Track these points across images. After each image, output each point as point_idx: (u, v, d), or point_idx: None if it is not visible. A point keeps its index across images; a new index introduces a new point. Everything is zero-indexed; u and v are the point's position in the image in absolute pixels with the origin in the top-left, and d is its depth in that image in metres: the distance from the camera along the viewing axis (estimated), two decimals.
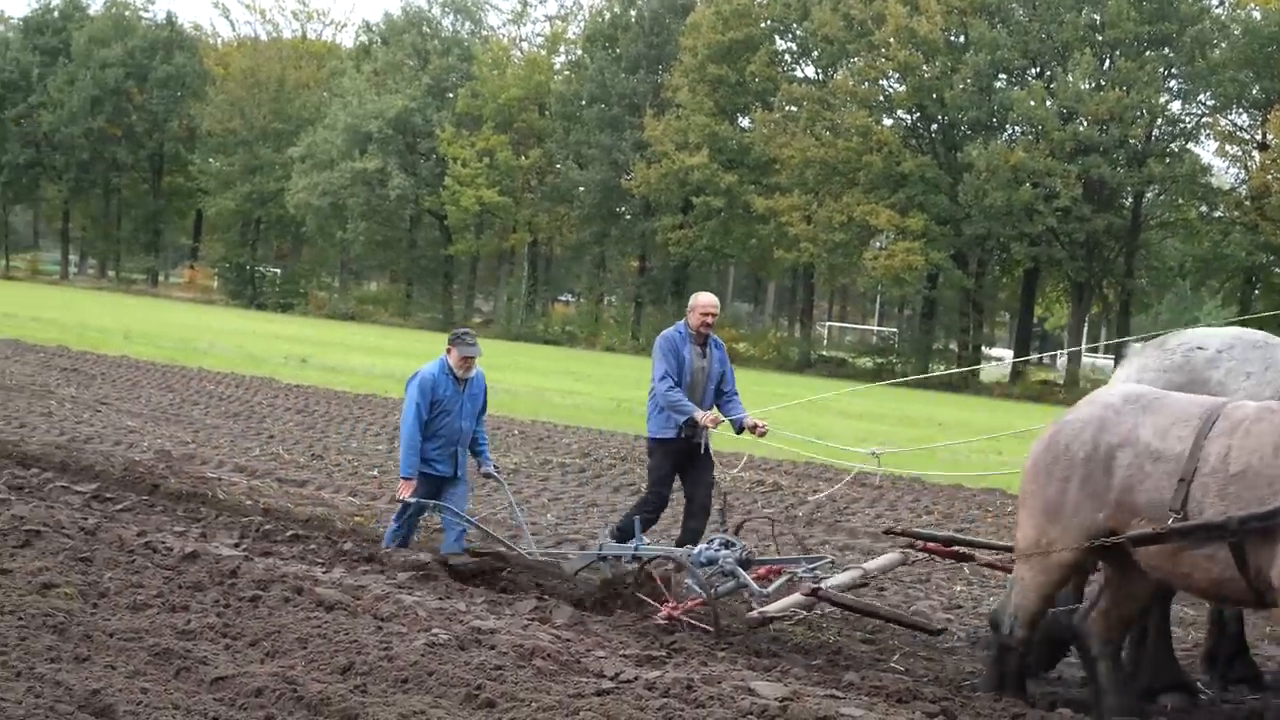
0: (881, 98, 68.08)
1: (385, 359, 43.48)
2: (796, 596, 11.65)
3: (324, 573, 12.16)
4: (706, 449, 14.35)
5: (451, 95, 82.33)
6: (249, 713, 8.21)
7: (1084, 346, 69.32)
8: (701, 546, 12.52)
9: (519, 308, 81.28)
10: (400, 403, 15.09)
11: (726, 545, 12.44)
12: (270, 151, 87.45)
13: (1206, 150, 68.79)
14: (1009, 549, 11.57)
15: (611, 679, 9.44)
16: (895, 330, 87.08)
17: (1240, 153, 65.77)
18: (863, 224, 64.59)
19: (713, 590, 11.82)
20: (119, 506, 14.68)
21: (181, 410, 25.08)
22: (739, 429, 14.61)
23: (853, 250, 66.59)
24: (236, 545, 13.13)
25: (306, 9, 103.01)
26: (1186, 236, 66.32)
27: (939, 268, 64.77)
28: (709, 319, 14.51)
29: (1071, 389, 59.62)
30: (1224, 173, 67.54)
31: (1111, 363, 71.65)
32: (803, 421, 33.63)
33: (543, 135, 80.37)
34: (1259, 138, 64.51)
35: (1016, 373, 65.77)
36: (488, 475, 14.47)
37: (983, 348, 72.37)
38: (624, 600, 12.29)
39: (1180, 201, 66.28)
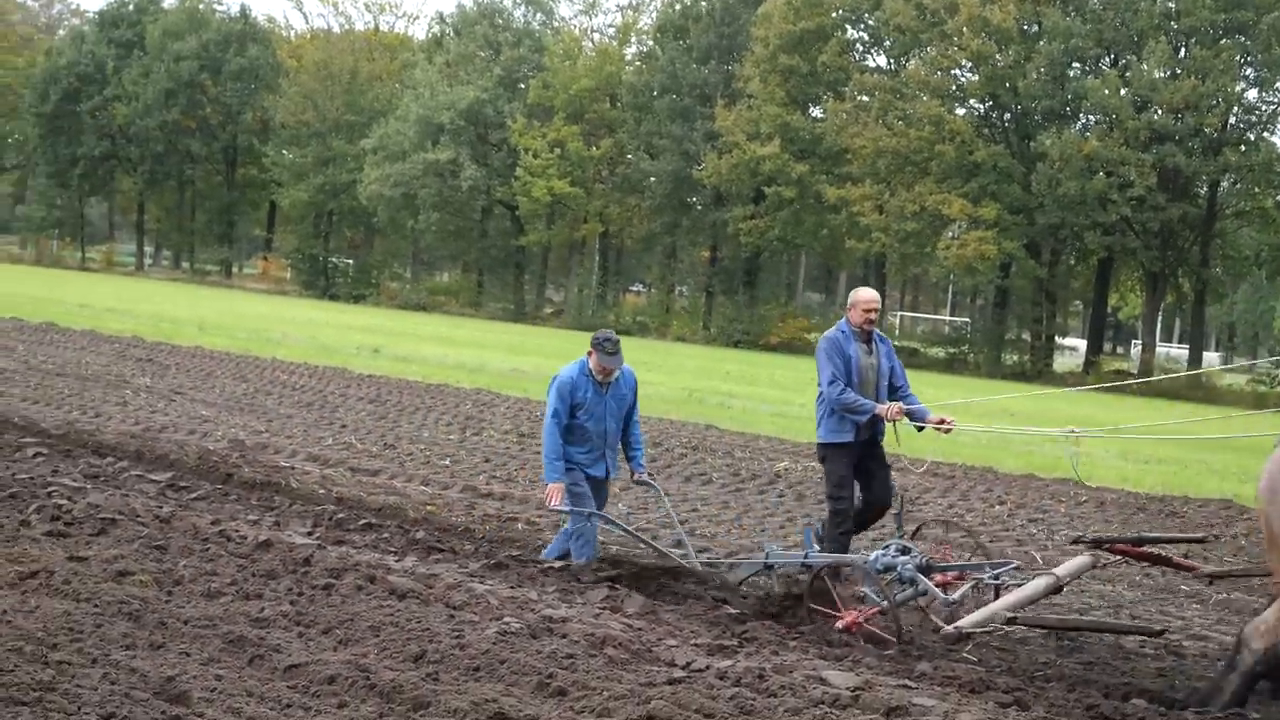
0: (954, 87, 67.78)
1: (456, 349, 43.61)
2: (995, 609, 11.18)
3: (396, 561, 12.18)
4: (882, 446, 13.55)
5: (523, 86, 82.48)
6: (322, 700, 8.23)
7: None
8: (877, 553, 12.02)
9: (590, 298, 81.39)
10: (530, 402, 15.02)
11: (904, 551, 11.98)
12: (343, 143, 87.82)
13: None
14: (1200, 540, 11.91)
15: (683, 668, 9.42)
16: (967, 320, 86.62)
17: None
18: (935, 213, 64.32)
19: (892, 598, 11.28)
20: (193, 495, 14.77)
21: (255, 400, 25.19)
22: (920, 425, 13.64)
23: (925, 240, 66.36)
24: (309, 534, 13.19)
25: (379, 1, 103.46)
26: (1262, 225, 65.79)
27: (1012, 257, 64.42)
28: (871, 314, 13.70)
29: (1146, 379, 59.28)
30: None
31: (1186, 353, 71.33)
32: None
33: (614, 126, 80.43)
34: None
35: (1090, 362, 65.40)
36: (640, 482, 14.05)
37: (1056, 337, 71.86)
38: (797, 610, 11.62)
39: (1256, 190, 65.70)
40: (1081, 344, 76.00)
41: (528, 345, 51.01)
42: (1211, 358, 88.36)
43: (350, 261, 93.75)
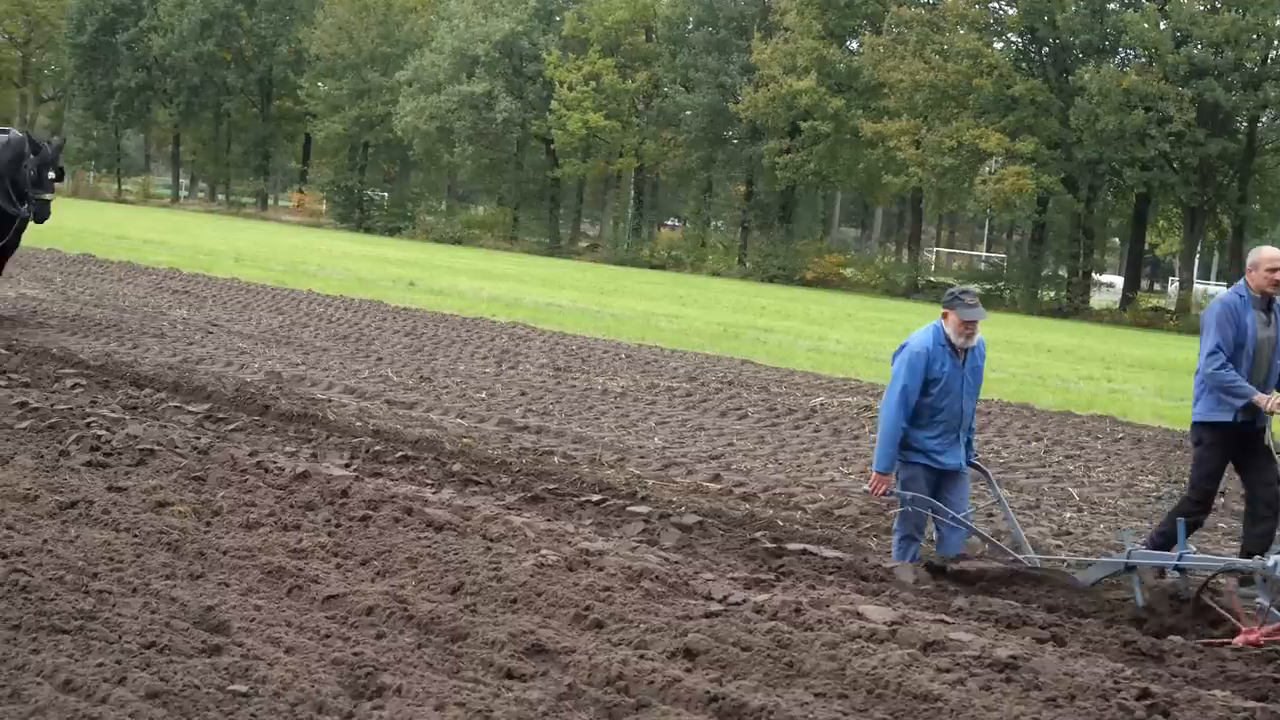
0: (992, 20, 67.26)
1: (492, 282, 43.63)
2: None
3: (433, 493, 12.24)
4: (1268, 442, 11.60)
5: (558, 18, 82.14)
6: (360, 631, 8.27)
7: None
8: (1277, 557, 9.98)
9: (625, 232, 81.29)
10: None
11: None
12: (378, 75, 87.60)
13: None
14: None
15: (720, 601, 9.45)
16: (1004, 256, 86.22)
17: None
18: (972, 148, 63.90)
19: None
20: (231, 427, 14.84)
21: (291, 332, 25.25)
22: None
23: (962, 175, 65.96)
24: (347, 466, 13.25)
25: None
26: None
27: (1049, 192, 64.02)
28: (1277, 276, 11.49)
29: (1184, 316, 59.00)
30: None
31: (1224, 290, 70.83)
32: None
33: (649, 59, 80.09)
34: None
35: (1127, 299, 65.13)
36: (970, 465, 11.87)
37: (1093, 274, 71.51)
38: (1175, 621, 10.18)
39: None
40: (1119, 280, 75.63)
41: (563, 279, 51.00)
42: None
43: (385, 194, 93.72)
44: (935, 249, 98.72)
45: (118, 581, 8.68)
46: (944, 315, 11.38)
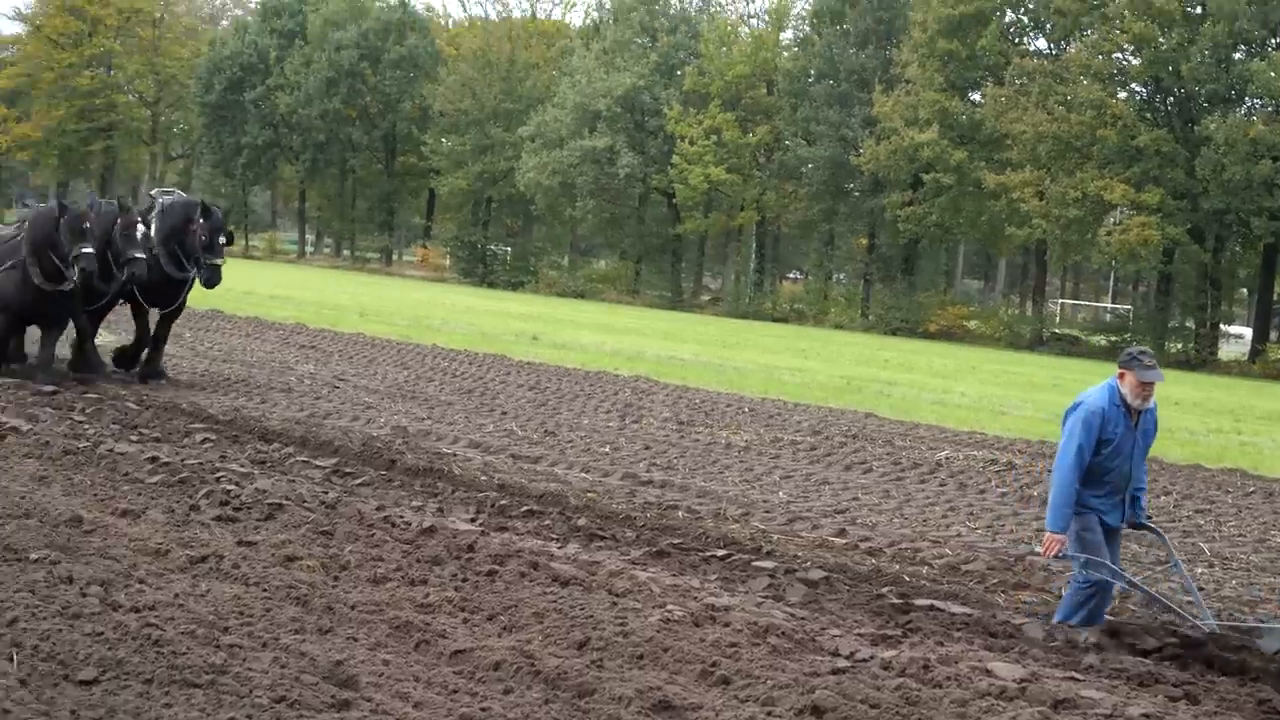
0: (1116, 71, 66.66)
1: (615, 336, 43.73)
2: None
3: (559, 548, 12.25)
4: None
5: (679, 73, 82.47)
6: (487, 686, 8.29)
7: None
8: None
9: (747, 285, 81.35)
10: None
11: None
12: (501, 131, 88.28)
13: None
14: None
15: (847, 657, 9.38)
16: (1130, 307, 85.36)
17: None
18: (1096, 199, 63.38)
19: None
20: (358, 481, 14.93)
21: (417, 386, 25.40)
22: None
23: (1086, 226, 65.41)
24: (473, 520, 13.29)
25: None
26: None
27: (1175, 243, 63.33)
28: None
29: None
30: None
31: None
32: (1037, 400, 33.28)
33: (770, 112, 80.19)
34: None
35: (1256, 351, 64.25)
36: (1138, 526, 11.77)
37: (1220, 325, 70.62)
38: None
39: None
40: (1247, 332, 74.63)
41: (685, 333, 51.05)
42: None
43: (508, 249, 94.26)
44: (1060, 300, 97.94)
45: (248, 635, 8.75)
46: (1120, 375, 11.26)
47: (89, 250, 19.78)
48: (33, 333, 22.15)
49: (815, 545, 13.95)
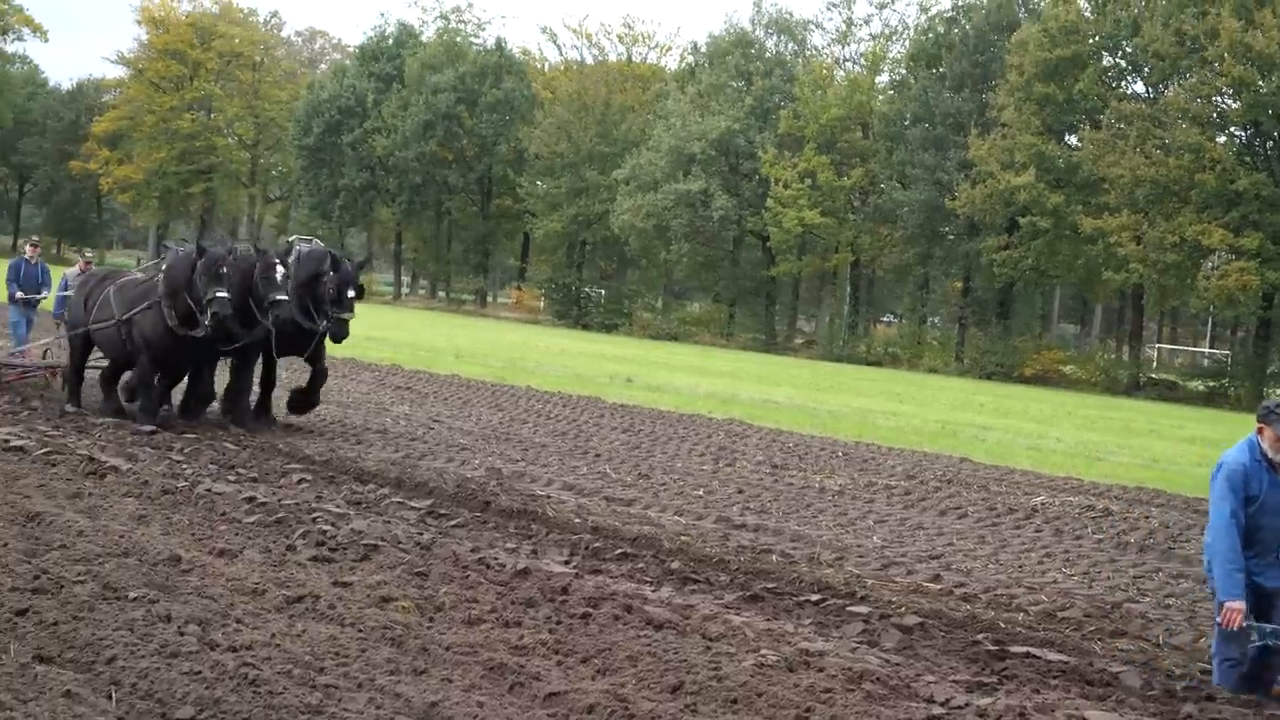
0: (1214, 114, 66.14)
1: (708, 379, 43.72)
2: None
3: (652, 591, 12.24)
4: None
5: (774, 116, 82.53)
6: None
7: None
8: None
9: (841, 329, 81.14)
10: None
11: None
12: (595, 174, 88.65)
13: None
14: None
15: (942, 704, 9.32)
16: (1228, 352, 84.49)
17: None
18: (1195, 244, 62.84)
19: None
20: (453, 522, 14.97)
21: (511, 428, 25.45)
22: None
23: (1185, 271, 64.83)
24: (567, 562, 13.30)
25: (632, 33, 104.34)
26: None
27: (1275, 288, 62.67)
28: None
29: None
30: None
31: None
32: (1134, 446, 33.00)
33: (865, 155, 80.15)
34: None
35: None
36: None
37: None
38: None
39: None
40: None
41: (779, 376, 50.96)
42: None
43: (603, 291, 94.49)
44: (1157, 345, 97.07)
45: (343, 676, 8.80)
46: (1259, 430, 10.78)
47: (224, 295, 19.64)
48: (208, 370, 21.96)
49: (910, 591, 13.87)
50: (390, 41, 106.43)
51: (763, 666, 9.79)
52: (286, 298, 20.61)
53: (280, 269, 20.79)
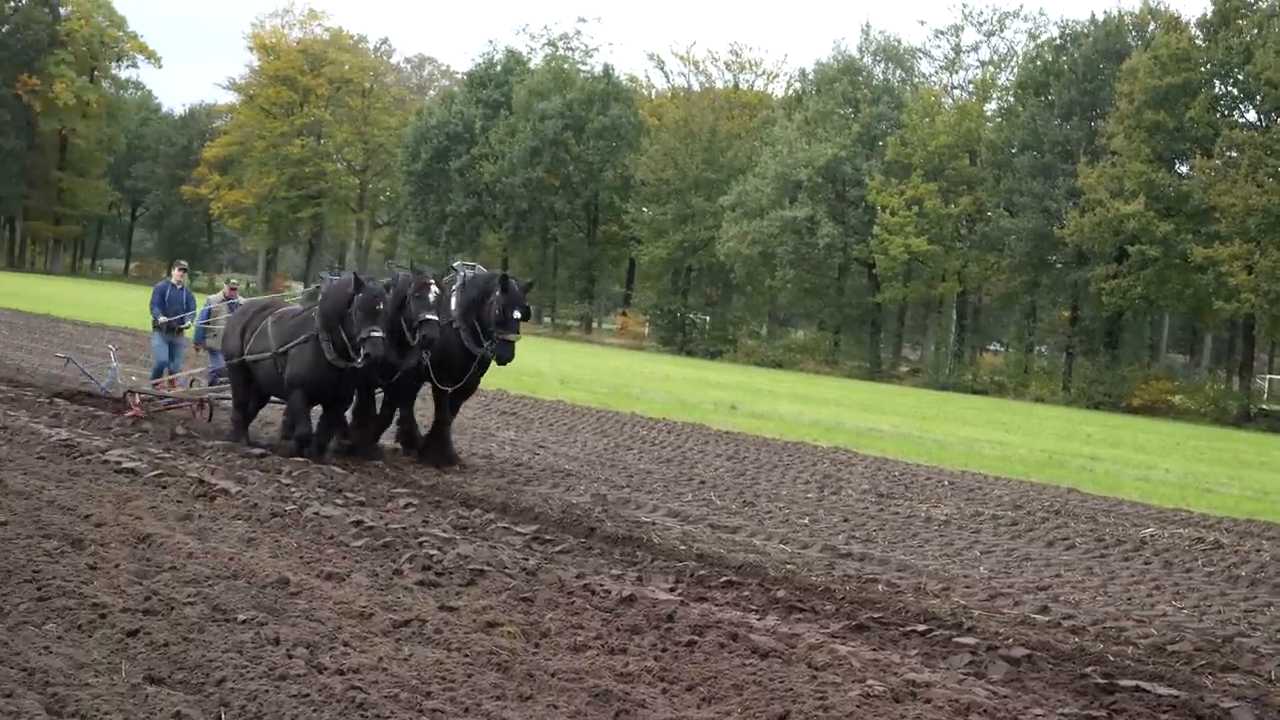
0: None
1: (813, 407, 43.60)
2: None
3: (758, 619, 12.19)
4: None
5: (881, 143, 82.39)
6: None
7: None
8: None
9: (947, 357, 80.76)
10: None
11: None
12: (701, 200, 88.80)
13: None
14: None
15: None
16: None
17: None
18: None
19: None
20: (558, 548, 14.99)
21: (615, 455, 25.46)
22: None
23: None
24: (672, 589, 13.28)
25: (740, 60, 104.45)
26: None
27: None
28: None
29: None
30: None
31: None
32: (1244, 478, 32.62)
33: (973, 183, 79.82)
34: None
35: None
36: None
37: None
38: None
39: None
40: None
41: (884, 404, 50.77)
42: None
43: (707, 317, 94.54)
44: (1268, 376, 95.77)
45: (450, 701, 8.83)
46: None
47: (379, 335, 19.36)
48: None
49: (1017, 622, 13.75)
50: (498, 68, 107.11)
51: (869, 697, 9.74)
52: (436, 318, 20.24)
53: (435, 289, 20.49)
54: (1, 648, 8.85)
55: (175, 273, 27.79)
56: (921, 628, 12.69)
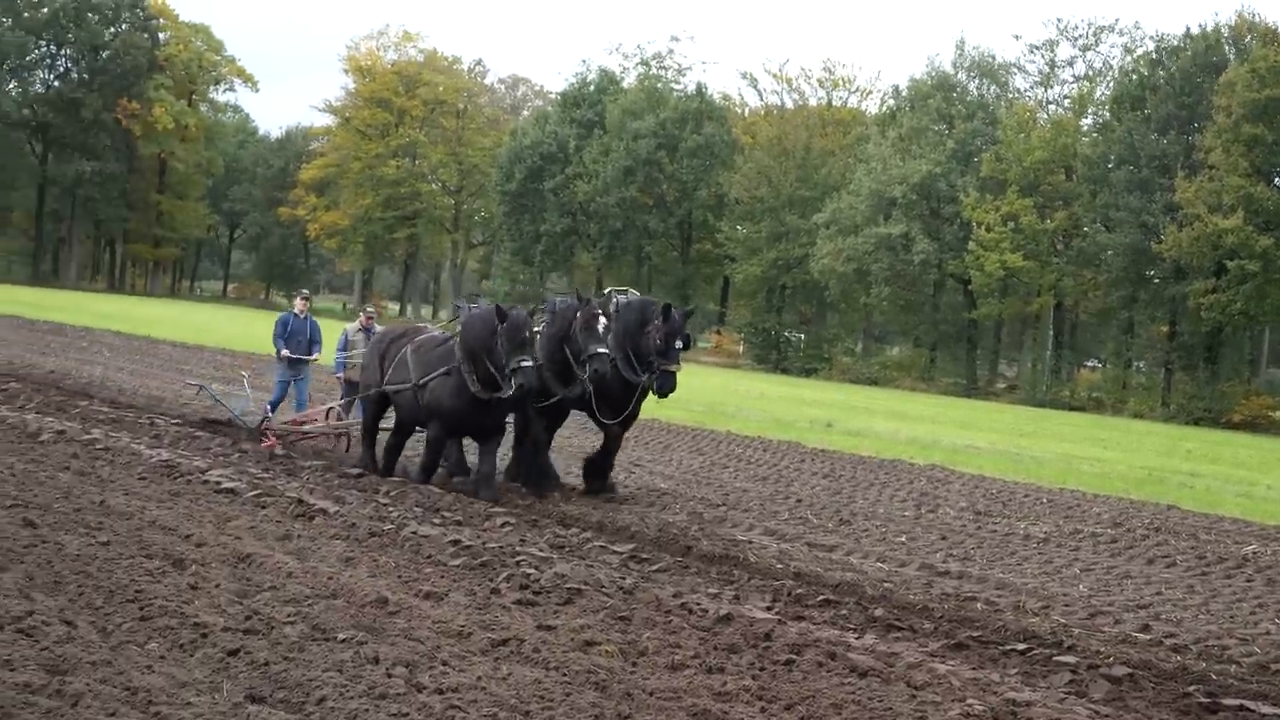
0: None
1: (909, 424, 43.41)
2: None
3: (856, 638, 12.15)
4: None
5: (976, 159, 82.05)
6: None
7: None
8: None
9: (1043, 373, 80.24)
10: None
11: None
12: (796, 218, 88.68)
13: None
14: None
15: None
16: None
17: None
18: None
19: None
20: (654, 567, 14.99)
21: (711, 473, 25.46)
22: None
23: None
24: (769, 608, 13.25)
25: (833, 77, 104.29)
26: None
27: None
28: None
29: None
30: None
31: None
32: None
33: (1069, 198, 79.34)
34: None
35: None
36: None
37: None
38: None
39: None
40: None
41: (981, 421, 50.49)
42: None
43: (802, 335, 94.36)
44: None
45: None
46: None
47: (529, 365, 18.67)
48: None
49: (1118, 641, 13.64)
50: (592, 88, 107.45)
51: (969, 716, 9.69)
52: (607, 351, 19.74)
53: (603, 320, 19.99)
54: (105, 667, 8.93)
55: (298, 302, 27.26)
56: (1021, 646, 12.61)
